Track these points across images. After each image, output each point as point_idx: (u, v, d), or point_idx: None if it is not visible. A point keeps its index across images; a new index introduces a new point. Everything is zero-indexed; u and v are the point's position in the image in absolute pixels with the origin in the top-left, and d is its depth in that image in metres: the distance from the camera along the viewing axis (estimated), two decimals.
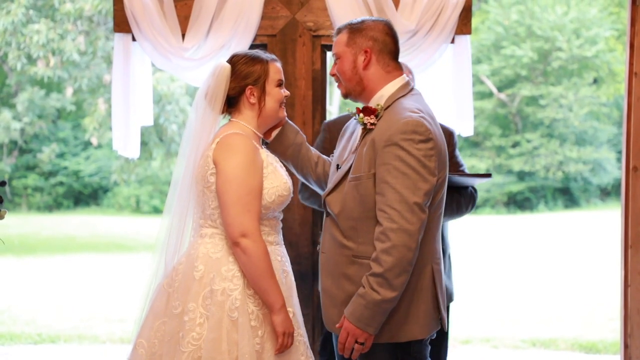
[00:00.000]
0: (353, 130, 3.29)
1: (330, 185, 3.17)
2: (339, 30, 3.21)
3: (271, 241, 3.20)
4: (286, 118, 3.39)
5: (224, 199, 3.07)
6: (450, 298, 4.19)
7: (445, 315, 3.16)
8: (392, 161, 2.94)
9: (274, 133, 3.35)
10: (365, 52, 3.13)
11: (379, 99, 3.13)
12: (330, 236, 3.15)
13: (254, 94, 3.19)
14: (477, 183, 4.07)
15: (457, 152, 4.16)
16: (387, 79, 3.15)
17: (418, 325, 3.06)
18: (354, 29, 3.16)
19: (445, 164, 3.06)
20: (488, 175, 3.99)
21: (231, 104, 3.23)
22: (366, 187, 3.02)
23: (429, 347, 3.22)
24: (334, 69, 3.22)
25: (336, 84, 3.28)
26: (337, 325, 3.07)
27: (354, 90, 3.18)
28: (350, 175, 3.08)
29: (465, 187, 4.08)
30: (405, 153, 2.93)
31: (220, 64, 3.20)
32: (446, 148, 3.09)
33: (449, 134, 4.09)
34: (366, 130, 3.10)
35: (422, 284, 3.06)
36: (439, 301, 3.10)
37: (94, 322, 8.46)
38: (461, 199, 4.02)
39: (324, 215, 3.23)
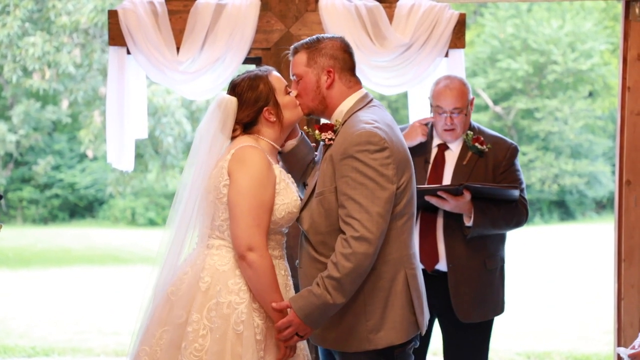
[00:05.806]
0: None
1: (301, 203, 3.22)
2: (296, 50, 3.23)
3: (276, 255, 3.23)
4: (302, 133, 3.42)
5: (234, 211, 3.08)
6: (496, 310, 4.17)
7: (421, 319, 3.18)
8: (349, 173, 2.99)
9: (288, 144, 3.37)
10: (329, 72, 3.16)
11: (338, 115, 3.18)
12: (305, 251, 3.21)
13: (272, 113, 3.20)
14: (509, 196, 3.96)
15: (515, 167, 4.06)
16: (348, 94, 3.19)
17: (395, 330, 3.10)
18: (312, 49, 3.18)
19: (407, 170, 3.09)
20: (514, 187, 3.92)
21: (248, 127, 3.24)
22: (329, 202, 3.07)
23: (413, 356, 3.24)
24: (294, 88, 3.25)
25: None
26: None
27: (317, 108, 3.23)
28: (315, 191, 3.13)
29: (509, 201, 3.98)
30: (361, 164, 2.98)
31: (226, 97, 3.21)
32: (408, 154, 3.12)
33: (506, 148, 4.04)
34: (326, 147, 3.16)
35: (395, 289, 3.10)
36: (414, 305, 3.13)
37: (88, 334, 8.44)
38: (498, 213, 3.93)
39: (301, 232, 3.28)
